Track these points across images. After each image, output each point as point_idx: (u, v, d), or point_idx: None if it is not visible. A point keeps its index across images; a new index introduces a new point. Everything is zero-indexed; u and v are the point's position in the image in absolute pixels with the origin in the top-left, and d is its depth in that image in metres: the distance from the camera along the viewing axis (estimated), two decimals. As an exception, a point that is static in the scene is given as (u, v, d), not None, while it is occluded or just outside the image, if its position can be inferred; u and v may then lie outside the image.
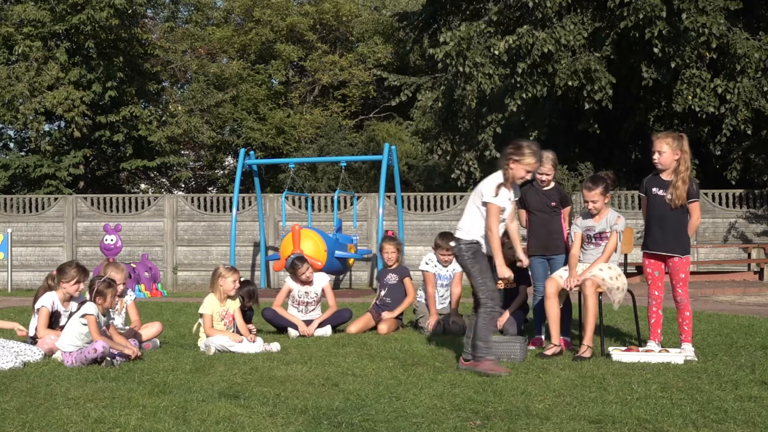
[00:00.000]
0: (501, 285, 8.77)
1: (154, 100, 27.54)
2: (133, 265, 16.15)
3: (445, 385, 5.50)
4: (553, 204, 7.64)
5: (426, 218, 19.30)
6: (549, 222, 7.63)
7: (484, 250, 6.34)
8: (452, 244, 6.48)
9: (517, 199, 6.52)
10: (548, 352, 6.91)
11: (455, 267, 9.13)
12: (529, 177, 6.42)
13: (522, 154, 6.27)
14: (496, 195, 6.23)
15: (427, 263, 9.03)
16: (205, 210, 19.84)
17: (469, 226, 6.37)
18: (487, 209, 6.26)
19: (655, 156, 6.81)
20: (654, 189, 6.88)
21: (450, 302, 9.04)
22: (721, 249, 18.99)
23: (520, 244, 6.68)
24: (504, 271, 6.26)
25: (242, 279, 8.27)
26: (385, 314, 8.88)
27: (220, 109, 29.93)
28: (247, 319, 8.02)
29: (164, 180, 31.90)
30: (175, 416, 4.62)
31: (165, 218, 19.75)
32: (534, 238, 7.67)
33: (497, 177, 6.33)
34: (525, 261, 6.72)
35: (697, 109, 17.50)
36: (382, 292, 9.13)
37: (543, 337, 7.72)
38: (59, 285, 7.52)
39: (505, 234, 8.85)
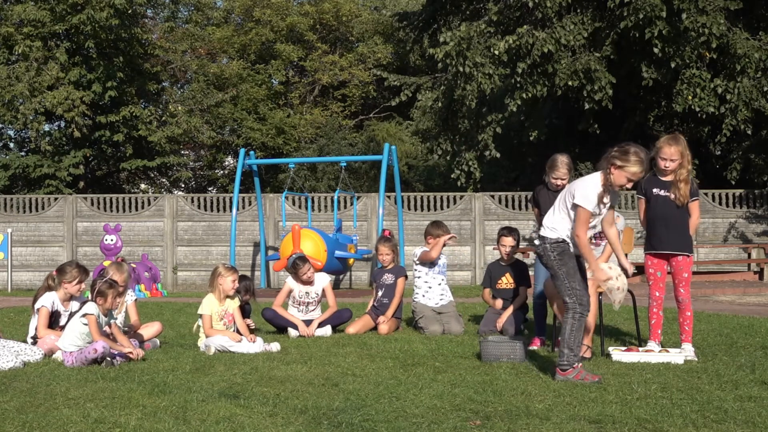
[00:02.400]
0: (502, 284, 8.82)
1: (154, 100, 27.56)
2: (133, 265, 16.14)
3: (445, 385, 5.49)
4: None
5: (426, 218, 19.27)
6: None
7: (572, 249, 5.85)
8: (536, 242, 5.96)
9: (614, 205, 5.90)
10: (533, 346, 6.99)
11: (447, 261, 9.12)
12: (629, 186, 5.80)
13: (627, 161, 5.66)
14: (590, 199, 5.68)
15: (416, 254, 9.05)
16: (205, 210, 19.84)
17: (556, 224, 5.84)
18: (576, 213, 5.72)
19: (667, 164, 6.76)
20: (655, 190, 6.87)
21: (449, 299, 9.04)
22: (721, 249, 18.99)
23: (621, 250, 6.20)
24: (602, 272, 5.79)
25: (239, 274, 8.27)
26: (381, 318, 8.87)
27: (220, 109, 29.93)
28: (245, 314, 8.02)
29: (164, 180, 31.91)
30: (175, 416, 4.62)
31: (165, 218, 19.75)
32: None
33: (596, 180, 5.76)
34: (630, 268, 6.15)
35: (697, 109, 17.51)
36: (379, 293, 9.11)
37: (543, 337, 7.72)
38: (60, 285, 7.52)
39: (508, 231, 8.91)
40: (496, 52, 17.51)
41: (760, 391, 5.25)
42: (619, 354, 6.59)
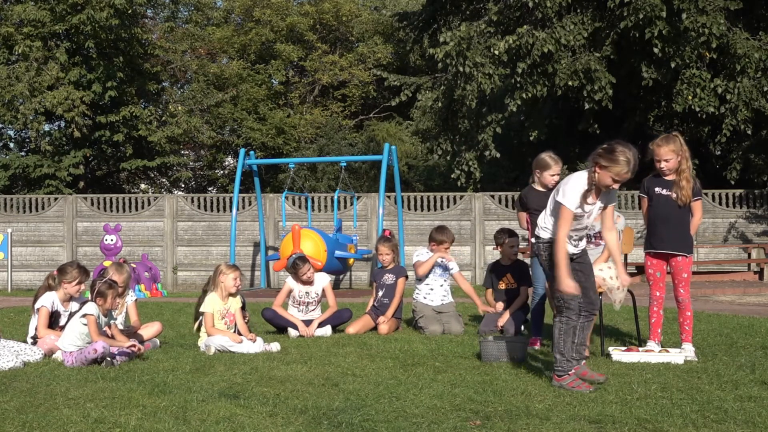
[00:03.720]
0: (502, 286, 8.82)
1: (154, 100, 27.56)
2: (133, 265, 16.14)
3: (445, 385, 5.49)
4: None
5: (426, 218, 19.30)
6: None
7: (571, 249, 5.60)
8: (533, 241, 5.81)
9: (609, 205, 5.68)
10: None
11: (450, 264, 9.11)
12: (616, 187, 5.52)
13: (612, 160, 5.38)
14: (572, 198, 5.45)
15: (417, 255, 9.05)
16: (205, 210, 19.84)
17: (548, 223, 5.64)
18: (559, 211, 5.48)
19: (662, 165, 6.76)
20: (657, 189, 6.87)
21: (450, 299, 9.05)
22: (721, 249, 18.99)
23: (620, 258, 6.02)
24: (567, 285, 5.41)
25: None
26: (381, 318, 8.86)
27: (220, 109, 29.94)
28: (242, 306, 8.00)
29: (164, 180, 31.92)
30: (175, 416, 4.62)
31: (165, 218, 19.75)
32: None
33: (581, 179, 5.52)
34: (627, 280, 6.06)
35: (697, 109, 17.51)
36: (380, 293, 9.10)
37: (542, 337, 7.72)
38: (60, 285, 7.53)
39: (508, 233, 8.92)
40: (496, 52, 17.51)
41: (760, 391, 5.25)
42: (619, 354, 6.58)
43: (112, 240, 17.39)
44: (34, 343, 7.29)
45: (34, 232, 19.76)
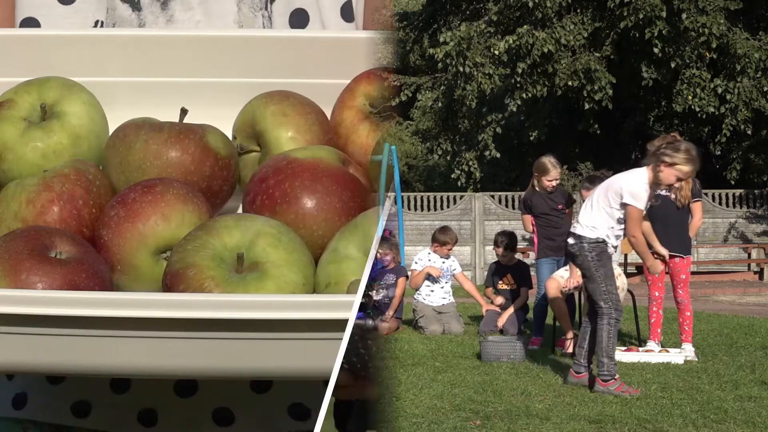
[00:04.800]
0: (503, 287, 8.83)
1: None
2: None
3: (445, 385, 5.48)
4: (560, 206, 7.64)
5: (426, 218, 19.29)
6: (558, 224, 7.61)
7: (611, 250, 5.50)
8: (570, 241, 5.57)
9: (656, 203, 5.68)
10: (570, 350, 6.71)
11: (452, 264, 9.14)
12: (678, 185, 5.54)
13: (677, 158, 5.25)
14: (641, 198, 5.28)
15: (416, 262, 9.06)
16: (205, 210, 19.83)
17: (596, 222, 5.38)
18: (627, 213, 5.29)
19: None
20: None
21: (450, 300, 9.05)
22: (721, 249, 18.97)
23: (656, 239, 6.01)
24: (658, 268, 5.75)
25: None
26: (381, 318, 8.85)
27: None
28: None
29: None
30: (175, 416, 4.61)
31: (165, 218, 19.74)
32: (545, 240, 7.63)
33: (642, 177, 5.32)
34: (665, 253, 6.15)
35: (697, 109, 17.51)
36: (381, 293, 9.09)
37: (542, 337, 7.71)
38: None
39: (504, 240, 8.93)
40: (496, 52, 17.51)
41: (760, 391, 5.24)
42: (619, 354, 6.55)
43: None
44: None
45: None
